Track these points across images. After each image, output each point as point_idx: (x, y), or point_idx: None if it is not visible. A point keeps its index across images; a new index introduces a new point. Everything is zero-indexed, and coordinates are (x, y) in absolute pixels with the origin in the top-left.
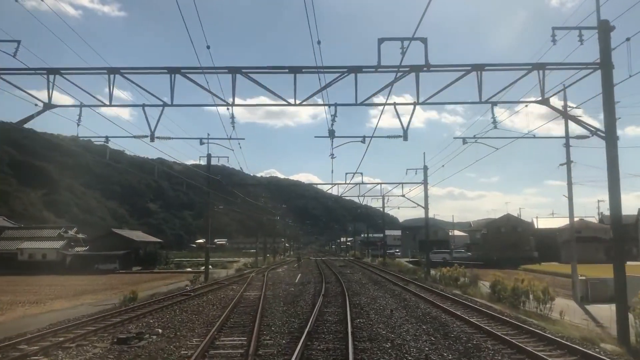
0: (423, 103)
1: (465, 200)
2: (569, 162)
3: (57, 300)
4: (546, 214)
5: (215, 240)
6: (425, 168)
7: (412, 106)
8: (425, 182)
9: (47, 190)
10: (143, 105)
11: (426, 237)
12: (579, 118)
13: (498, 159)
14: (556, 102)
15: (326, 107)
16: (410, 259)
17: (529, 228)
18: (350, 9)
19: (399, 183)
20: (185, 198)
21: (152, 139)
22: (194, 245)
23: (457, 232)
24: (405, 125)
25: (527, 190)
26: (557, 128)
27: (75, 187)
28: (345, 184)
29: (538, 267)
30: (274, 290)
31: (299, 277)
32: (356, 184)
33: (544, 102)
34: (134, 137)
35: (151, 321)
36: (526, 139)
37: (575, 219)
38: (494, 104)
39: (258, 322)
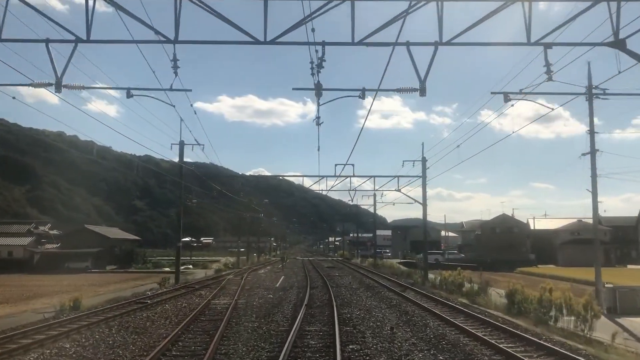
0: (448, 43)
1: (453, 202)
2: (593, 152)
3: (1, 305)
4: (530, 215)
5: (202, 238)
6: (424, 160)
7: (431, 51)
8: (423, 176)
9: (31, 186)
10: (46, 41)
11: (424, 237)
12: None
13: (485, 160)
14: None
15: (310, 48)
16: (402, 260)
17: (525, 229)
18: None
19: (395, 176)
20: (172, 196)
21: (58, 89)
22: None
23: (450, 233)
24: (422, 75)
25: (513, 192)
26: (544, 130)
27: (60, 184)
28: (335, 176)
29: (536, 270)
30: (248, 297)
31: (281, 280)
32: (347, 176)
33: (618, 44)
34: (33, 85)
35: (67, 346)
36: (511, 140)
37: (573, 220)
38: (548, 46)
39: (212, 350)
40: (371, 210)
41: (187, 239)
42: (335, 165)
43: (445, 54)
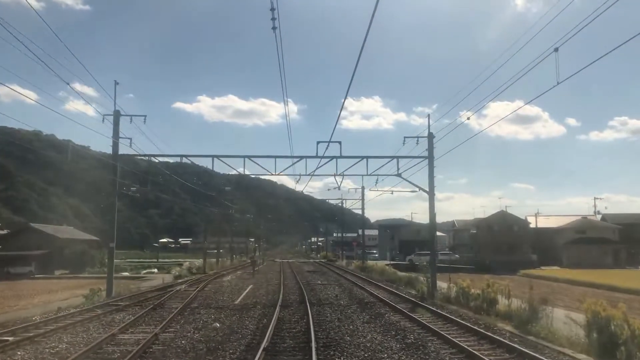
0: None
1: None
2: None
3: None
4: (521, 214)
5: (180, 239)
6: (431, 136)
7: None
8: (430, 156)
9: (5, 186)
10: None
11: (431, 234)
12: None
13: (466, 160)
14: None
15: None
16: (391, 262)
17: (526, 227)
18: None
19: (393, 157)
20: (151, 196)
21: None
22: (157, 245)
23: (438, 233)
24: None
25: (494, 192)
26: (523, 131)
27: (35, 184)
28: (317, 157)
29: (542, 273)
30: (183, 325)
31: (246, 291)
32: (332, 157)
33: None
34: None
35: None
36: (491, 141)
37: (577, 218)
38: None
39: None
40: (357, 208)
41: (164, 239)
42: (318, 142)
43: (431, 49)
